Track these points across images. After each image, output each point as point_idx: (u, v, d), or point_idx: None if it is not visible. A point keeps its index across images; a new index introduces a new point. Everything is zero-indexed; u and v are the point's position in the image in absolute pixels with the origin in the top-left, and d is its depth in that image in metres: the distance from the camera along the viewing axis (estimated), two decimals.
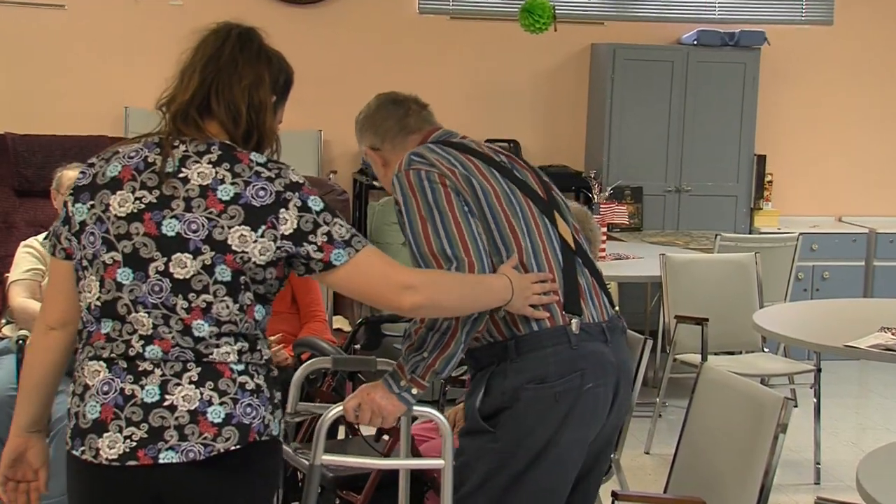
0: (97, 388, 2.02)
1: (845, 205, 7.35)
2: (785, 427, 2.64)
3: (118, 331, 2.03)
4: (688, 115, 6.83)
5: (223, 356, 2.02)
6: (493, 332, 2.44)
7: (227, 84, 2.09)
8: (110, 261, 2.03)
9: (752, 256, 5.20)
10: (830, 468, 4.84)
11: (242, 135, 2.09)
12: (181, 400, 1.99)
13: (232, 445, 1.99)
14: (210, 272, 2.00)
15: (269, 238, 2.01)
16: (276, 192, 2.02)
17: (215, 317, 2.01)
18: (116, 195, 2.05)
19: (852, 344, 3.72)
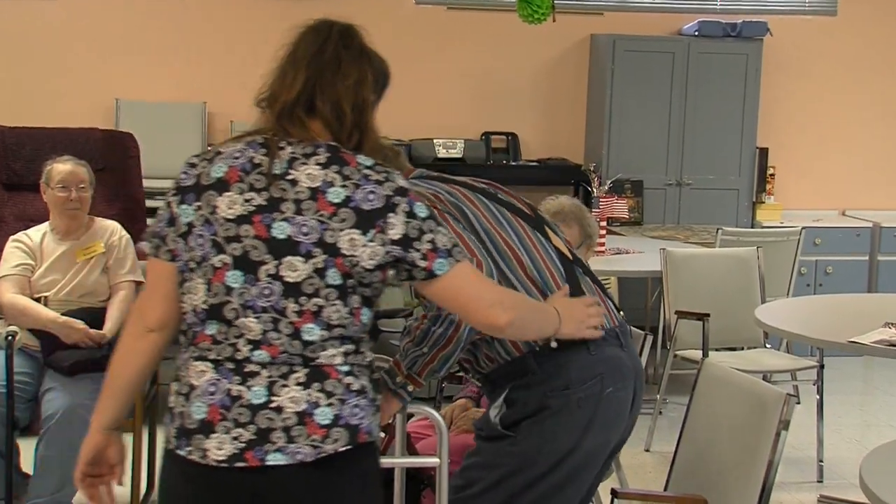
0: (203, 389, 2.03)
1: (849, 198, 7.35)
2: (787, 424, 2.65)
3: (224, 333, 2.04)
4: (689, 107, 6.83)
5: (329, 359, 2.03)
6: (509, 350, 2.48)
7: (331, 82, 2.10)
8: (220, 263, 2.03)
9: (754, 251, 5.20)
10: (833, 466, 4.85)
11: (346, 134, 2.10)
12: (288, 401, 2.00)
13: (341, 447, 2.01)
14: (322, 275, 2.01)
15: (379, 242, 2.02)
16: (385, 195, 2.03)
17: (325, 320, 2.02)
18: (224, 197, 2.04)
19: (856, 340, 3.72)
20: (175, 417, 2.06)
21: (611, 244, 5.72)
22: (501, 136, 6.90)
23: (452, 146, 6.57)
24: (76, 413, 3.65)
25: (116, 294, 4.02)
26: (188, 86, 6.57)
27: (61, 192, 4.02)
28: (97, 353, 3.81)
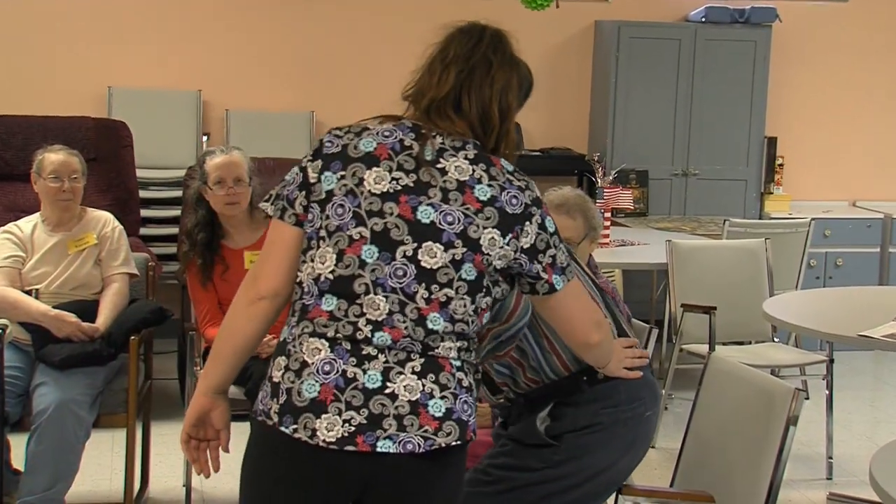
0: (317, 367, 2.04)
1: (859, 189, 7.35)
2: (796, 419, 2.65)
3: (344, 311, 2.05)
4: (695, 95, 6.82)
5: (446, 351, 2.07)
6: (556, 370, 2.61)
7: (479, 86, 2.16)
8: (357, 236, 2.07)
9: (762, 243, 5.20)
10: (843, 463, 4.85)
11: (488, 137, 2.16)
12: (402, 389, 2.03)
13: (452, 441, 2.04)
14: (457, 267, 2.06)
15: (512, 248, 2.10)
16: (525, 203, 2.12)
17: (451, 313, 2.06)
18: (372, 171, 2.09)
19: (866, 333, 3.72)
20: (281, 393, 2.06)
21: (615, 236, 5.72)
22: None
23: None
24: (68, 408, 3.65)
25: (109, 286, 4.02)
26: (183, 73, 6.56)
27: (53, 183, 4.02)
28: (89, 347, 3.81)
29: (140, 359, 3.93)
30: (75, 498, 3.89)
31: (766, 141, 6.97)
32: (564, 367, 2.61)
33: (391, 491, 2.06)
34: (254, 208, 4.08)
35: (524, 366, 2.64)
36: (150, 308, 4.00)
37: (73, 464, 3.70)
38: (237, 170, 4.05)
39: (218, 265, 4.03)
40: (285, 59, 6.63)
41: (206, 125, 6.58)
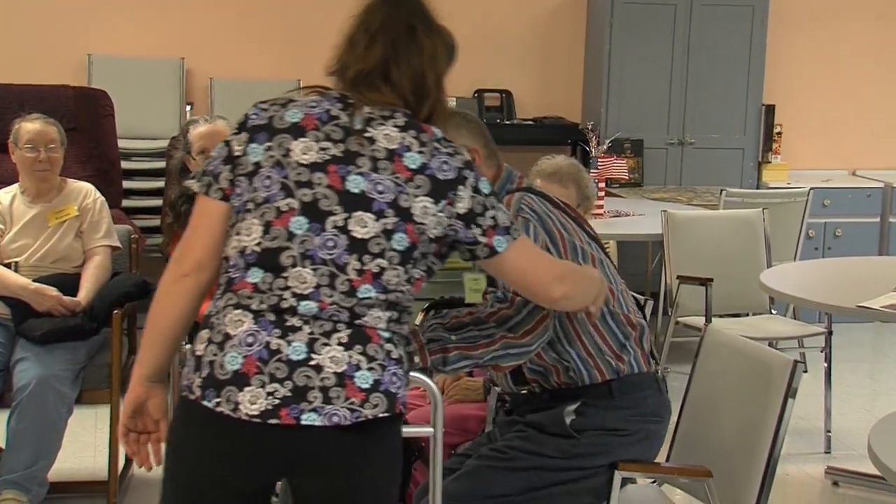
0: (240, 339, 2.03)
1: (859, 158, 7.35)
2: (794, 392, 2.65)
3: (269, 283, 2.04)
4: (692, 62, 6.80)
5: (374, 321, 2.06)
6: (592, 375, 2.66)
7: (407, 54, 2.15)
8: (286, 207, 2.05)
9: (759, 213, 5.20)
10: (842, 436, 4.87)
11: (419, 106, 2.15)
12: (328, 361, 2.02)
13: (380, 413, 2.02)
14: (389, 237, 2.05)
15: (446, 214, 2.09)
16: (457, 167, 2.11)
17: (384, 284, 2.06)
18: (299, 141, 2.08)
19: (866, 304, 3.73)
20: (203, 366, 2.04)
21: (609, 206, 5.72)
22: (495, 94, 6.87)
23: None
24: (49, 384, 3.64)
25: (91, 260, 4.01)
26: (165, 40, 6.52)
27: (29, 153, 3.99)
28: (70, 322, 3.80)
29: (123, 333, 3.93)
30: (58, 476, 3.89)
31: (764, 108, 6.96)
32: (600, 374, 2.66)
33: (319, 465, 2.04)
34: None
35: (559, 370, 2.67)
36: (134, 281, 3.99)
37: (55, 441, 3.70)
38: (222, 139, 4.02)
39: None
40: (271, 26, 6.59)
41: (190, 94, 6.54)
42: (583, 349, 2.65)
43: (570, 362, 2.65)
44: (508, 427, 2.78)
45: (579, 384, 2.66)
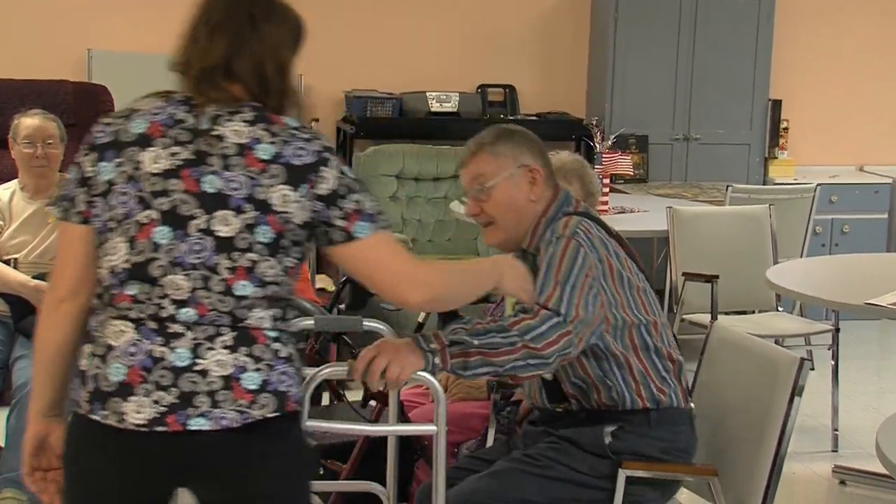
0: (122, 350, 2.03)
1: (867, 153, 7.34)
2: (801, 389, 2.65)
3: (147, 293, 2.04)
4: (697, 57, 6.79)
5: (258, 322, 2.05)
6: (633, 397, 2.68)
7: (249, 46, 2.11)
8: (146, 219, 2.05)
9: (766, 209, 5.19)
10: (849, 434, 4.87)
11: (267, 97, 2.12)
12: (214, 365, 2.01)
13: (268, 413, 2.02)
14: (252, 231, 2.04)
15: (309, 198, 2.06)
16: (315, 151, 2.08)
17: (259, 276, 2.05)
18: (147, 151, 2.06)
19: (873, 301, 3.72)
20: (88, 380, 2.04)
21: (614, 203, 5.71)
22: (498, 89, 6.86)
23: (446, 99, 6.54)
24: None
25: None
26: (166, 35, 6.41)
27: (27, 149, 3.99)
28: None
29: None
30: None
31: (771, 104, 6.95)
32: (641, 401, 2.68)
33: (211, 470, 2.04)
34: None
35: (601, 390, 2.68)
36: None
37: None
38: None
39: None
40: None
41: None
42: (629, 373, 2.67)
43: (614, 384, 2.67)
44: (538, 437, 2.78)
45: (619, 408, 2.68)
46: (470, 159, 2.75)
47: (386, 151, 6.31)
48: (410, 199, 6.41)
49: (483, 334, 2.44)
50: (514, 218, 2.72)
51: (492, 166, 2.72)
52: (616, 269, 2.65)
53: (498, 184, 2.71)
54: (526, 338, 2.44)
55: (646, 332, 2.68)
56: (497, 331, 2.45)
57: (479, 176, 2.73)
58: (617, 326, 2.64)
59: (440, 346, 2.40)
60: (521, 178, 2.73)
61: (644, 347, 2.68)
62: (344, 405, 3.17)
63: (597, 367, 2.66)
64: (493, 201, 2.72)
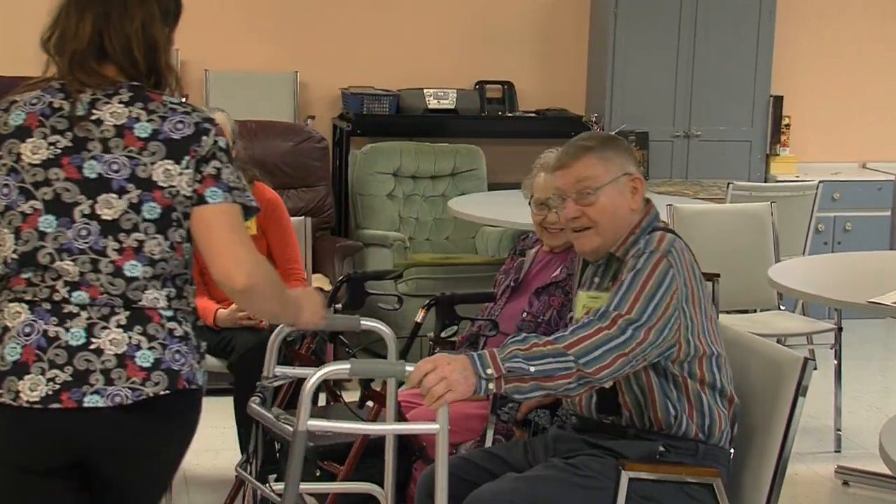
0: (18, 330, 2.11)
1: (869, 150, 7.33)
2: (805, 389, 2.65)
3: (40, 276, 2.13)
4: (698, 53, 6.79)
5: (152, 302, 2.15)
6: (689, 422, 2.68)
7: (119, 26, 2.15)
8: (30, 210, 2.12)
9: (767, 207, 5.19)
10: (852, 435, 4.87)
11: (141, 75, 2.18)
12: (108, 343, 2.11)
13: (161, 390, 2.12)
14: (137, 210, 2.12)
15: (193, 168, 2.14)
16: (194, 123, 2.17)
17: (148, 255, 2.13)
18: (27, 143, 2.13)
19: (877, 300, 3.72)
20: None
21: None
22: (496, 86, 6.85)
23: (444, 96, 6.53)
24: None
25: None
26: None
27: None
28: None
29: None
30: None
31: (772, 100, 6.95)
32: (695, 430, 2.68)
33: (106, 446, 2.13)
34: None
35: (657, 408, 2.68)
36: None
37: None
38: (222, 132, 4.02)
39: None
40: (267, 17, 6.58)
41: (184, 87, 6.48)
42: (688, 399, 2.68)
43: (673, 404, 2.67)
44: (574, 445, 2.77)
45: (671, 431, 2.68)
46: (573, 162, 2.75)
47: (383, 149, 6.31)
48: (407, 198, 6.40)
49: (539, 359, 2.45)
50: (613, 225, 2.74)
51: (600, 170, 2.73)
52: (698, 295, 2.67)
53: (605, 188, 2.72)
54: (580, 361, 2.47)
55: (715, 364, 2.70)
56: (553, 355, 2.46)
57: (585, 179, 2.73)
58: (689, 353, 2.66)
59: (497, 374, 2.41)
60: (625, 185, 2.75)
61: (711, 383, 2.69)
62: (341, 406, 3.17)
63: (660, 383, 2.67)
64: (598, 206, 2.72)
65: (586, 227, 2.74)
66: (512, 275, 3.57)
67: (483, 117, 6.67)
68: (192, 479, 4.21)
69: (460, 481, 2.67)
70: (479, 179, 6.48)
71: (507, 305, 3.51)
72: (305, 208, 5.90)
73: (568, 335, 2.50)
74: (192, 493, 4.11)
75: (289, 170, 5.98)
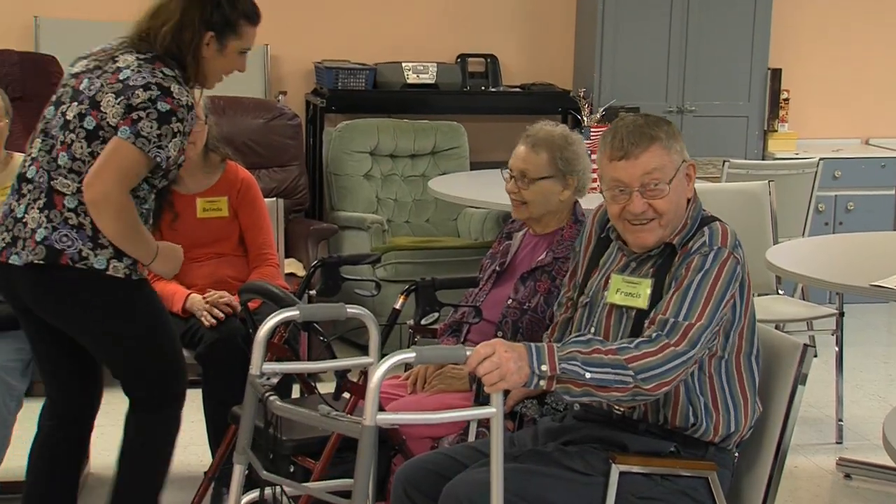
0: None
1: (873, 125, 7.36)
2: (804, 378, 2.66)
3: (29, 152, 3.22)
4: (692, 23, 6.79)
5: (63, 187, 3.10)
6: (709, 427, 2.68)
7: (169, 16, 3.19)
8: (48, 101, 3.25)
9: (765, 186, 5.20)
10: (854, 426, 4.90)
11: (163, 51, 3.17)
12: (30, 220, 3.12)
13: (38, 260, 3.09)
14: (80, 119, 3.10)
15: (122, 105, 3.06)
16: (147, 82, 3.07)
17: (73, 153, 3.10)
18: (80, 62, 3.25)
19: (880, 283, 3.74)
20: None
21: None
22: (479, 59, 6.84)
23: (423, 70, 6.52)
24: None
25: None
26: (119, 2, 6.45)
27: None
28: None
29: None
30: (7, 475, 3.87)
31: (770, 73, 6.96)
32: (714, 434, 2.68)
33: (30, 298, 3.18)
34: (209, 150, 4.08)
35: (679, 406, 2.68)
36: None
37: (3, 436, 3.68)
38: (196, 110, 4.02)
39: (167, 213, 3.98)
40: None
41: None
42: (713, 402, 2.68)
43: (698, 415, 2.67)
44: (569, 433, 2.77)
45: (687, 433, 2.69)
46: (640, 152, 2.70)
47: (359, 126, 6.29)
48: (386, 178, 6.39)
49: (598, 367, 2.47)
50: (676, 216, 2.74)
51: (666, 161, 2.71)
52: (749, 290, 2.69)
53: (674, 180, 2.71)
54: (640, 377, 2.49)
55: (755, 362, 2.71)
56: (612, 366, 2.48)
57: (654, 170, 2.70)
58: (726, 349, 2.68)
59: (551, 371, 2.44)
60: (683, 174, 2.75)
61: (750, 382, 2.70)
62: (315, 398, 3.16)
63: (687, 386, 2.66)
64: (668, 198, 2.70)
65: (650, 220, 2.71)
66: (498, 259, 3.57)
67: (465, 92, 6.66)
68: None
69: (440, 478, 2.66)
70: (462, 158, 6.47)
71: (492, 291, 3.51)
72: (277, 189, 5.88)
73: (632, 348, 2.51)
74: None
75: (259, 149, 5.96)
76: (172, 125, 3.05)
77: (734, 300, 2.65)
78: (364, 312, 2.76)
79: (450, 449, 2.94)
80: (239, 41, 3.22)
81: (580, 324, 2.82)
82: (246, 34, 3.23)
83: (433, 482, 2.67)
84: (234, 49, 3.22)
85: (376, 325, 2.77)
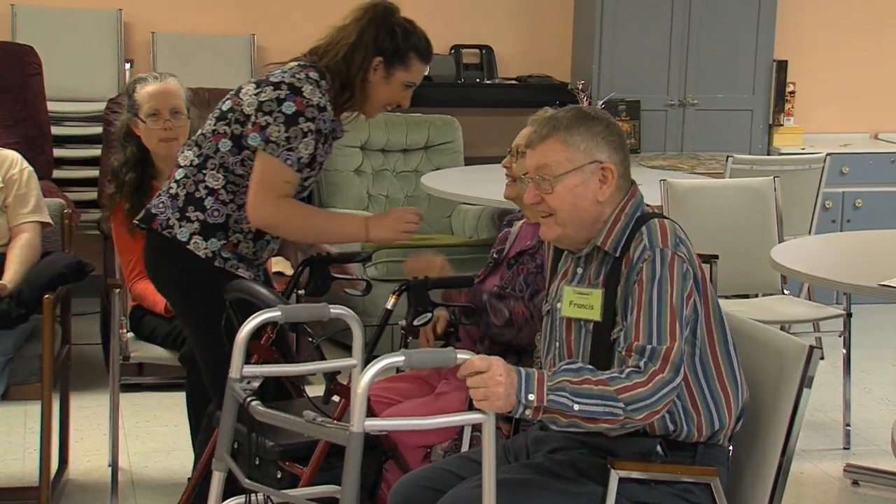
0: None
1: (882, 119, 7.38)
2: (811, 380, 2.66)
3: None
4: (695, 13, 6.80)
5: (184, 159, 3.35)
6: (691, 429, 2.67)
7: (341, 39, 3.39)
8: None
9: (770, 182, 5.21)
10: (862, 430, 4.90)
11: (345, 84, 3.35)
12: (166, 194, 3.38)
13: (139, 221, 3.37)
14: (223, 104, 3.34)
15: (254, 97, 3.22)
16: (281, 80, 3.21)
17: (197, 143, 3.36)
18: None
19: (889, 283, 3.74)
20: None
21: None
22: (474, 50, 6.85)
23: None
24: None
25: (18, 238, 3.97)
26: None
27: None
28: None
29: (56, 321, 3.90)
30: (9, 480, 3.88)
31: (775, 65, 6.97)
32: (698, 434, 2.68)
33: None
34: None
35: (683, 413, 2.68)
36: (67, 262, 3.97)
37: None
38: (174, 100, 4.02)
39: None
40: None
41: (129, 50, 6.49)
42: (702, 407, 2.68)
43: (677, 421, 2.66)
44: (555, 442, 2.77)
45: (669, 439, 2.68)
46: (539, 143, 2.71)
47: None
48: (377, 173, 6.40)
49: (587, 398, 2.47)
50: (574, 217, 2.71)
51: (561, 156, 2.69)
52: (703, 280, 2.69)
53: (564, 178, 2.69)
54: (630, 408, 2.49)
55: (732, 349, 2.71)
56: (602, 398, 2.47)
57: (544, 166, 2.70)
58: (696, 345, 2.67)
59: (538, 402, 2.44)
60: (591, 175, 2.71)
61: (729, 373, 2.70)
62: (303, 401, 3.16)
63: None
64: (555, 195, 2.69)
65: (548, 215, 2.72)
66: (496, 247, 3.57)
67: (459, 85, 6.66)
68: (140, 483, 4.20)
69: (436, 493, 2.66)
70: (455, 153, 6.48)
71: (486, 280, 3.51)
72: None
73: (623, 378, 2.51)
74: (139, 498, 4.10)
75: None
76: (301, 125, 3.17)
77: (693, 297, 2.64)
78: (348, 313, 2.74)
79: (444, 462, 2.94)
80: (406, 73, 3.33)
81: (545, 333, 2.85)
82: (414, 68, 3.34)
83: (428, 498, 2.67)
84: (400, 80, 3.33)
85: (360, 325, 2.76)
